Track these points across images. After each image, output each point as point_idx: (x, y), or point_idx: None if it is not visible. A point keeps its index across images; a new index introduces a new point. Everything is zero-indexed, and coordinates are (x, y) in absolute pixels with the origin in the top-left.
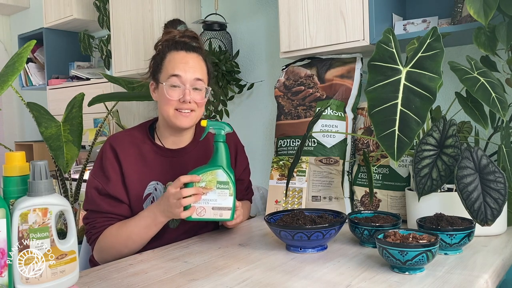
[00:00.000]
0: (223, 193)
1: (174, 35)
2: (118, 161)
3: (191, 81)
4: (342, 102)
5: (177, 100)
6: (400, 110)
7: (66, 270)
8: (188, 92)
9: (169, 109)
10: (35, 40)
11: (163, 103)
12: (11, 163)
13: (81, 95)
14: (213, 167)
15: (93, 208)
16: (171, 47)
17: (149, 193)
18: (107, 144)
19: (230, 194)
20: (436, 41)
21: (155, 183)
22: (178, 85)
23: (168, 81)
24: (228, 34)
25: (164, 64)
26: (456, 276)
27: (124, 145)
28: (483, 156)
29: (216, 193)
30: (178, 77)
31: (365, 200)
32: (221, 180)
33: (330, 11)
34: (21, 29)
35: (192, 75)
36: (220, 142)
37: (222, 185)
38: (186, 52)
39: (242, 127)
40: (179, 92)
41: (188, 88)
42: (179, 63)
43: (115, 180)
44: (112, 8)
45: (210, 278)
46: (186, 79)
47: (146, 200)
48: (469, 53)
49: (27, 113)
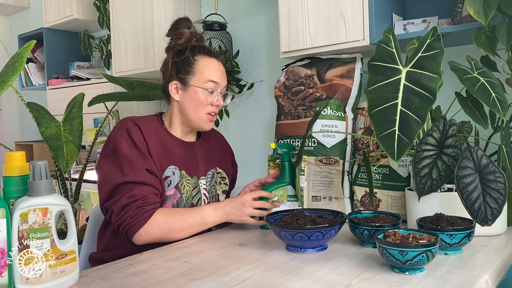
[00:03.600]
0: (292, 205)
1: (193, 37)
2: (143, 137)
3: (223, 89)
4: (342, 102)
5: (210, 104)
6: (400, 110)
7: (66, 270)
8: (220, 98)
9: (201, 112)
10: (35, 40)
11: (194, 106)
12: (11, 163)
13: (81, 95)
14: (283, 184)
15: (138, 179)
16: (200, 51)
17: (167, 175)
18: (129, 122)
19: (299, 205)
20: (436, 41)
21: (174, 168)
22: (214, 90)
23: (206, 86)
24: (228, 34)
25: (197, 68)
26: (456, 276)
27: (146, 125)
28: (483, 156)
29: (287, 205)
30: (215, 84)
31: (365, 200)
32: (290, 194)
33: (330, 11)
34: (21, 29)
35: (224, 83)
36: (286, 162)
37: (292, 198)
38: (217, 61)
39: (242, 127)
40: (214, 97)
41: (219, 93)
42: (215, 70)
43: (146, 153)
44: (112, 8)
45: (210, 278)
46: (220, 86)
47: (165, 181)
48: (469, 53)
49: (27, 113)
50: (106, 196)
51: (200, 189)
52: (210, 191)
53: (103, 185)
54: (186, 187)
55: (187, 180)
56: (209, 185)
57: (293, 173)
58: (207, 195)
